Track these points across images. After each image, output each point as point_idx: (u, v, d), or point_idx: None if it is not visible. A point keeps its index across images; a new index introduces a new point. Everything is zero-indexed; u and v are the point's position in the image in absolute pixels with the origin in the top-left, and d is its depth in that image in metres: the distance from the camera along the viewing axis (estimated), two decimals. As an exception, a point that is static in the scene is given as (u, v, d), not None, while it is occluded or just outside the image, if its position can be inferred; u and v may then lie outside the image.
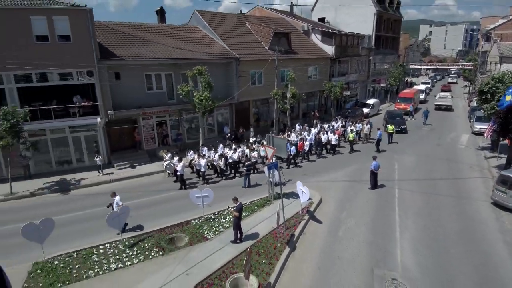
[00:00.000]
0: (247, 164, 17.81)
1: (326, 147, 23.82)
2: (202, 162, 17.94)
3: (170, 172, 18.73)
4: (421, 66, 64.19)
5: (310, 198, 15.04)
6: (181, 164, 17.22)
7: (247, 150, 19.87)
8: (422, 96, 45.10)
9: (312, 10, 50.93)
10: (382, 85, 50.74)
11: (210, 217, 13.66)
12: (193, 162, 19.37)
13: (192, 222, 13.30)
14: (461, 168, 20.75)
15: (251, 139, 23.08)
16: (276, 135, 19.24)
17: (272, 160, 15.12)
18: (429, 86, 57.49)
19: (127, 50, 20.82)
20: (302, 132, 24.49)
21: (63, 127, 18.95)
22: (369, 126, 26.83)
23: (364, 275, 10.64)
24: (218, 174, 19.13)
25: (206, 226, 12.95)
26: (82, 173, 19.17)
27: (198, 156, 18.82)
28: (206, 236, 12.24)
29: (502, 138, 20.17)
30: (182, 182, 17.40)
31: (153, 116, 22.56)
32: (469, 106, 39.95)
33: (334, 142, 23.30)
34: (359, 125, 26.99)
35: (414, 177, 19.22)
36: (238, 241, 11.80)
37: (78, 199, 16.19)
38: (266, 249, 11.48)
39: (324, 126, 26.52)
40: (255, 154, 19.42)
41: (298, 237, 12.65)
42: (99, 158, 18.98)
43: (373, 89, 49.95)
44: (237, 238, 11.83)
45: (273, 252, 11.34)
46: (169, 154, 18.98)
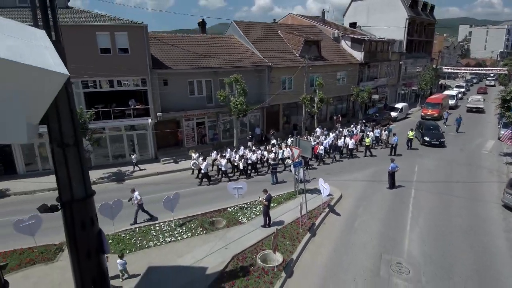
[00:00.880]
0: (273, 163, 20.07)
1: (342, 151, 24.92)
2: (223, 161, 20.19)
3: (195, 169, 20.88)
4: (454, 69, 63.08)
5: (331, 194, 17.11)
6: (205, 163, 19.50)
7: (265, 152, 21.90)
8: (453, 101, 44.52)
9: (344, 15, 52.20)
10: (414, 88, 51.00)
11: (243, 206, 16.10)
12: (215, 162, 21.50)
13: (228, 209, 15.81)
14: (479, 172, 21.79)
15: (272, 141, 24.90)
16: (302, 138, 21.32)
17: (298, 159, 17.28)
18: (462, 90, 56.18)
19: (174, 60, 23.77)
20: (320, 136, 25.92)
21: (120, 126, 22.20)
22: (387, 132, 27.63)
23: (373, 259, 12.56)
24: (237, 172, 21.15)
25: (240, 213, 15.40)
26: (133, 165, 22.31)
27: (220, 156, 20.88)
28: (240, 220, 14.70)
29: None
30: (208, 178, 19.63)
31: (193, 118, 25.41)
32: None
33: (351, 146, 24.45)
34: (378, 130, 27.88)
35: (432, 179, 20.58)
36: (267, 226, 14.12)
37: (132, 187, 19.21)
38: (290, 233, 13.71)
39: (343, 130, 27.80)
40: (272, 155, 21.20)
41: (318, 226, 14.75)
42: (135, 155, 21.81)
43: (403, 92, 50.36)
44: (266, 223, 14.15)
45: (296, 236, 13.54)
46: (197, 154, 21.21)
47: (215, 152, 21.89)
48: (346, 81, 35.03)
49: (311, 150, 22.72)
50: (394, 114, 38.12)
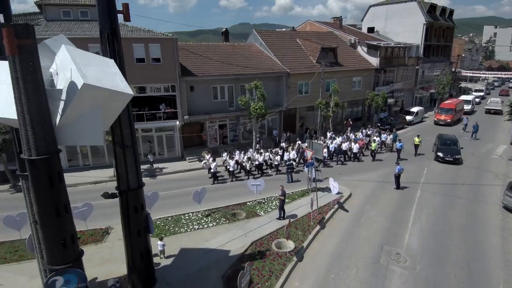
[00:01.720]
0: (288, 163, 21.93)
1: (347, 155, 26.04)
2: (231, 162, 22.02)
3: (206, 168, 22.63)
4: (473, 73, 62.65)
5: (341, 192, 18.87)
6: (214, 163, 21.46)
7: (271, 155, 23.52)
8: (468, 107, 44.44)
9: (362, 20, 53.28)
10: (432, 91, 51.41)
11: (261, 200, 18.09)
12: (225, 162, 23.26)
13: (248, 203, 17.85)
14: (486, 176, 22.89)
15: (281, 144, 26.41)
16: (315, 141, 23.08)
17: (311, 160, 19.10)
18: (481, 94, 55.75)
19: (200, 68, 26.01)
20: (327, 139, 27.24)
21: (151, 128, 24.63)
22: (391, 136, 28.51)
23: (375, 249, 14.26)
24: (245, 173, 22.85)
25: (258, 207, 17.40)
26: (162, 163, 24.69)
27: (229, 157, 22.61)
28: (258, 213, 16.70)
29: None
30: (215, 178, 21.55)
31: (216, 120, 27.59)
32: None
33: (355, 150, 25.57)
34: (385, 135, 28.96)
35: (439, 181, 21.87)
36: (281, 218, 16.03)
37: (163, 182, 21.52)
38: (302, 225, 15.58)
39: (351, 135, 29.04)
40: (278, 158, 23.05)
41: (327, 220, 16.55)
42: (151, 155, 23.96)
43: (421, 96, 50.85)
44: (281, 216, 16.08)
45: (307, 228, 15.40)
46: (209, 155, 23.12)
47: (226, 153, 23.58)
48: (361, 85, 36.34)
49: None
50: (409, 117, 39.04)
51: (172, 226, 15.38)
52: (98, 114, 8.04)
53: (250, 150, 24.48)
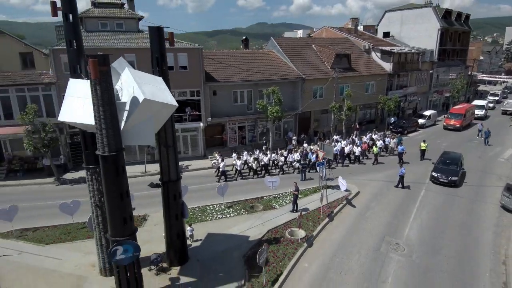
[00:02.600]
0: (303, 163, 23.95)
1: (349, 158, 27.42)
2: (239, 162, 24.08)
3: (215, 168, 24.68)
4: (488, 77, 62.65)
5: (349, 190, 20.78)
6: (223, 163, 23.56)
7: (276, 155, 25.42)
8: (482, 112, 44.06)
9: (377, 25, 54.51)
10: (447, 95, 52.03)
11: (276, 195, 20.22)
12: (233, 162, 25.05)
13: (264, 197, 20.03)
14: (489, 177, 24.22)
15: (289, 147, 28.20)
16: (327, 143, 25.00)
17: (322, 160, 21.09)
18: (496, 98, 55.45)
19: (222, 74, 28.36)
20: (333, 142, 28.70)
21: (177, 129, 27.07)
22: (395, 140, 29.77)
23: (377, 239, 16.13)
24: (252, 172, 24.74)
25: (273, 201, 19.55)
26: (187, 161, 27.13)
27: (237, 158, 24.56)
28: (274, 206, 18.86)
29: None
30: (224, 176, 23.62)
31: (236, 122, 29.88)
32: None
33: (357, 153, 27.09)
34: (388, 139, 30.23)
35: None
36: (294, 211, 18.10)
37: (189, 178, 23.81)
38: (312, 217, 17.61)
39: (355, 138, 30.40)
40: (282, 159, 25.09)
41: (336, 214, 18.51)
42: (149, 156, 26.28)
43: (435, 99, 51.62)
44: (294, 209, 18.16)
45: (317, 220, 17.43)
46: (219, 155, 25.11)
47: (235, 154, 25.48)
48: (375, 90, 37.84)
49: (317, 156, 25.22)
50: (421, 121, 40.23)
51: (199, 215, 17.73)
52: (151, 121, 10.39)
53: (257, 151, 26.32)
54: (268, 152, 25.98)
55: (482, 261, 14.66)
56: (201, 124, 27.26)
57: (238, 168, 24.15)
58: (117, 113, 9.62)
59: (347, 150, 27.37)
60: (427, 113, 41.79)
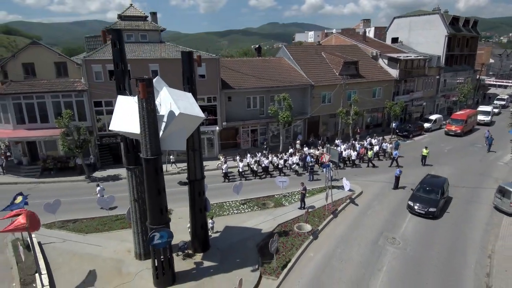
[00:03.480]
0: (311, 165, 25.95)
1: (345, 161, 28.82)
2: (241, 164, 26.12)
3: (219, 169, 26.62)
4: (495, 81, 63.31)
5: (353, 190, 22.73)
6: (225, 165, 25.63)
7: (276, 158, 27.25)
8: (487, 118, 44.36)
9: (386, 31, 56.01)
10: (454, 99, 53.13)
11: (286, 194, 22.30)
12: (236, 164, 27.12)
13: (275, 196, 22.16)
14: (487, 180, 25.79)
15: (290, 150, 29.81)
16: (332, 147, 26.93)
17: (328, 162, 23.07)
18: (503, 103, 55.56)
19: (237, 81, 30.58)
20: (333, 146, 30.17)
21: (195, 132, 29.44)
22: (392, 145, 31.17)
23: (375, 234, 18.06)
24: (253, 174, 26.71)
25: (283, 199, 21.65)
26: (204, 162, 29.31)
27: (240, 160, 26.64)
28: (283, 204, 20.97)
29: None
30: (226, 177, 25.69)
31: (249, 126, 32.07)
32: None
33: (353, 157, 28.81)
34: (385, 144, 31.57)
35: (442, 184, 25.10)
36: (302, 208, 20.15)
37: (206, 178, 26.13)
38: (318, 214, 19.65)
39: (355, 143, 31.88)
40: (282, 161, 26.95)
41: (340, 211, 20.51)
42: (172, 156, 28.31)
43: (442, 103, 52.82)
44: (302, 206, 20.22)
45: (322, 216, 19.46)
46: (223, 158, 27.16)
47: (239, 156, 27.68)
48: (381, 95, 39.48)
49: (315, 159, 27.38)
50: (427, 125, 41.71)
51: (217, 210, 19.96)
52: (183, 130, 12.62)
53: (259, 154, 28.22)
54: (269, 155, 27.80)
55: (470, 254, 16.45)
56: (217, 127, 29.53)
57: (240, 169, 26.14)
58: (157, 124, 11.87)
59: (345, 154, 28.88)
60: (433, 117, 43.20)
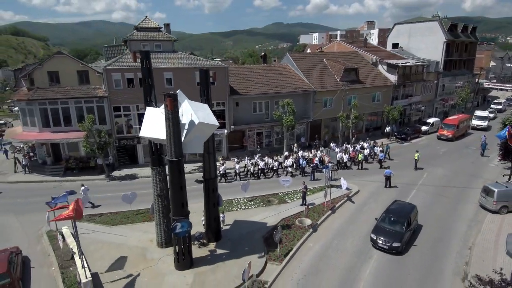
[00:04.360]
0: (312, 166, 28.16)
1: (338, 164, 29.98)
2: (237, 166, 28.29)
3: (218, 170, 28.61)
4: (494, 85, 64.89)
5: (350, 189, 24.88)
6: (223, 166, 27.71)
7: (271, 160, 29.33)
8: (484, 123, 44.72)
9: (387, 37, 58.02)
10: (452, 102, 54.93)
11: (289, 192, 24.53)
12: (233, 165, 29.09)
13: (278, 194, 24.40)
14: (477, 181, 27.72)
15: (285, 153, 31.84)
16: (331, 149, 29.09)
17: (328, 163, 25.25)
18: (499, 107, 56.10)
19: (244, 87, 32.86)
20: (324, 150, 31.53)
21: (205, 135, 31.78)
22: (381, 148, 32.81)
23: (369, 227, 20.01)
24: (249, 175, 28.69)
25: (287, 196, 23.88)
26: (213, 162, 31.72)
27: (236, 162, 28.75)
28: (286, 201, 23.21)
29: (502, 160, 26.92)
30: (225, 177, 27.82)
31: (254, 129, 34.33)
32: None
33: (345, 160, 30.66)
34: (377, 148, 33.28)
35: (434, 184, 27.09)
36: (303, 205, 22.35)
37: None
38: (318, 210, 21.85)
39: (349, 146, 33.83)
40: (276, 163, 28.98)
41: (337, 207, 22.69)
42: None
43: (441, 106, 54.55)
44: (303, 203, 22.42)
45: (321, 211, 21.65)
46: (222, 160, 29.15)
47: (236, 158, 29.83)
48: (381, 99, 41.50)
49: (307, 161, 29.27)
50: (424, 128, 43.63)
51: (227, 206, 22.23)
52: (202, 136, 14.91)
53: (256, 156, 30.31)
54: (265, 157, 29.86)
55: (453, 246, 18.51)
56: (225, 131, 31.81)
57: (237, 171, 28.28)
58: (180, 131, 14.16)
59: (338, 157, 30.11)
60: (430, 120, 45.12)
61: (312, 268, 16.53)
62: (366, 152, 32.42)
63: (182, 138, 14.41)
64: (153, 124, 14.86)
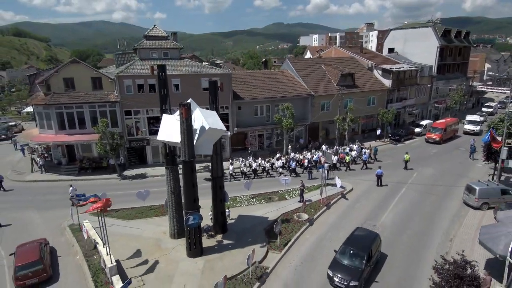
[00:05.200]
0: (310, 165, 30.30)
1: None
2: (231, 167, 30.30)
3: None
4: (487, 89, 66.90)
5: (344, 187, 27.01)
6: (231, 166, 29.88)
7: (263, 161, 31.34)
8: (476, 128, 44.95)
9: (383, 42, 60.13)
10: (445, 105, 56.88)
11: (288, 190, 26.67)
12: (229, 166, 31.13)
13: (279, 191, 26.54)
14: (463, 179, 29.75)
15: (277, 155, 33.57)
16: (327, 150, 31.21)
17: (323, 164, 27.38)
18: (490, 110, 56.97)
19: (246, 92, 35.01)
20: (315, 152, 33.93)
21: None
22: (368, 150, 34.28)
23: (360, 221, 22.21)
24: (242, 175, 30.77)
25: (286, 194, 26.03)
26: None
27: (230, 163, 30.75)
28: (286, 198, 25.37)
29: (486, 160, 29.19)
30: (234, 176, 29.99)
31: (256, 131, 36.47)
32: None
33: (334, 161, 31.45)
34: (365, 150, 34.43)
35: (423, 183, 29.19)
36: (301, 201, 24.47)
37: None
38: (314, 206, 23.98)
39: (338, 148, 35.64)
40: (268, 164, 30.99)
41: (332, 204, 24.82)
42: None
43: (435, 108, 56.58)
44: (300, 200, 24.55)
45: (317, 207, 23.79)
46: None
47: (230, 160, 31.87)
48: (376, 103, 43.63)
49: (297, 162, 31.32)
50: (418, 129, 45.73)
51: (231, 202, 24.34)
52: (211, 140, 17.05)
53: (250, 158, 32.38)
54: (259, 159, 31.95)
55: (435, 238, 20.59)
56: (228, 133, 33.94)
57: (230, 171, 30.24)
58: (193, 135, 16.29)
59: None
60: (424, 122, 47.26)
61: (308, 256, 18.66)
62: (354, 154, 34.36)
63: (194, 141, 16.52)
64: (169, 129, 16.98)
